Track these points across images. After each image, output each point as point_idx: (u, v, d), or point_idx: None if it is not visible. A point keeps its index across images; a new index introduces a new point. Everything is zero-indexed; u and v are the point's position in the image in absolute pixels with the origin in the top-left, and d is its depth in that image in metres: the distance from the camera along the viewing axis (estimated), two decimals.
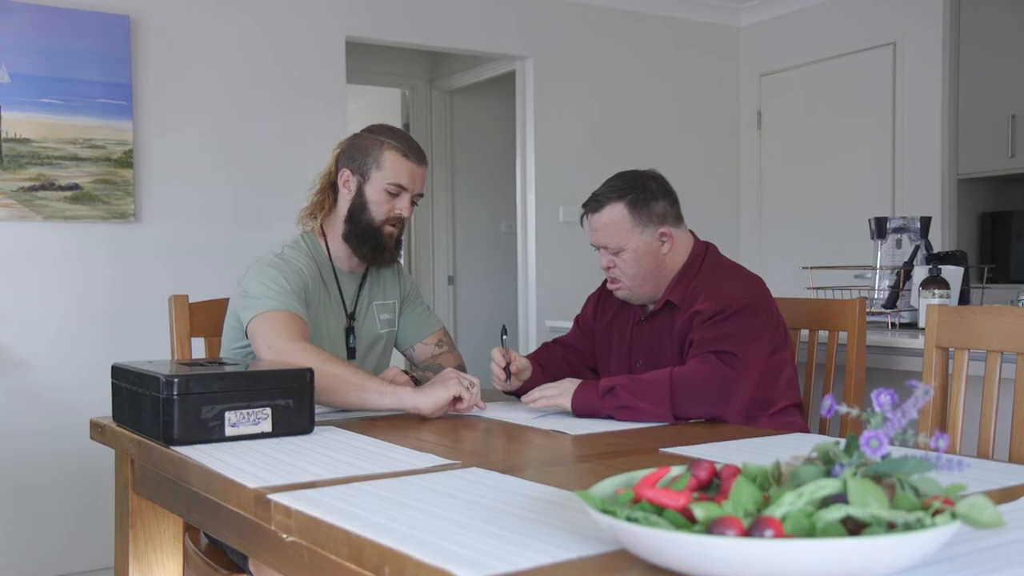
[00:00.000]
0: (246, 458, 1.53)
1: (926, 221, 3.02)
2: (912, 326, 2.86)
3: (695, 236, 2.20)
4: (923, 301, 2.66)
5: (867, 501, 0.86)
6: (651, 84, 5.18)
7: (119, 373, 1.85)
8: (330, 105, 4.25)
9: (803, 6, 5.13)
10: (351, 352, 2.26)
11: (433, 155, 5.91)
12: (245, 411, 1.68)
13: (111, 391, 1.89)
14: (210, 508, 1.53)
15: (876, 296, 2.99)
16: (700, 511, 0.88)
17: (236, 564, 1.90)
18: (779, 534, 0.83)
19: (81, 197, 3.67)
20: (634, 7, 5.09)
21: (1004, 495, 1.26)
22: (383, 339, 2.34)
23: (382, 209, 2.19)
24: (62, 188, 3.63)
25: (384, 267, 2.32)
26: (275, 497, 1.26)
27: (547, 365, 2.26)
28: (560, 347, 2.34)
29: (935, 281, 2.66)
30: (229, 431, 1.67)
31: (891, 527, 0.86)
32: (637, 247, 2.09)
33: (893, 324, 2.88)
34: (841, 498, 0.88)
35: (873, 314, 2.92)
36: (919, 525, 0.85)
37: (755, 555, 0.81)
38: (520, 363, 2.17)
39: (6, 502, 3.60)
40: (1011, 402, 1.80)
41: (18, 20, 3.57)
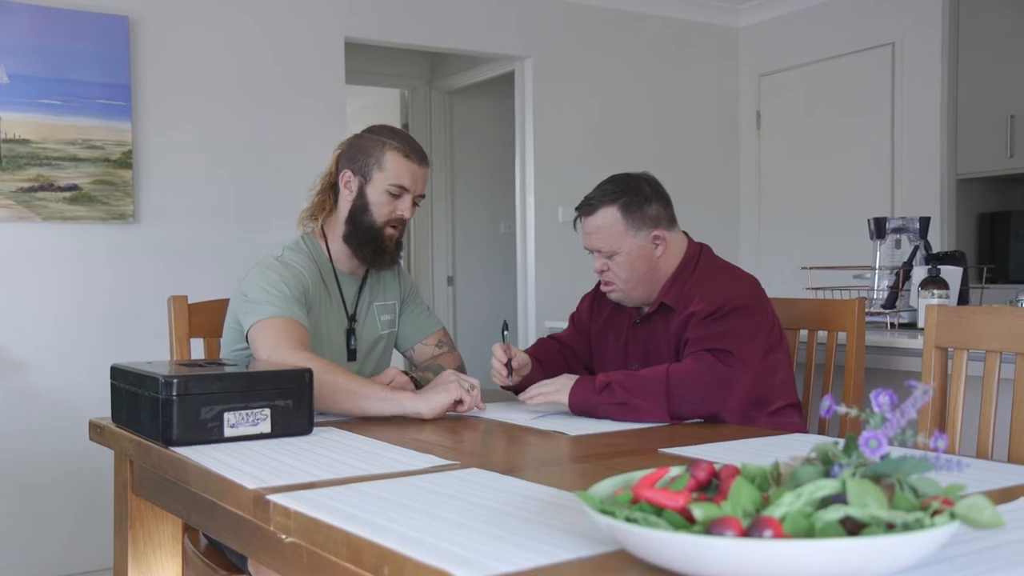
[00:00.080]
0: (245, 459, 1.53)
1: (925, 221, 3.02)
2: (911, 326, 2.86)
3: (689, 238, 2.20)
4: (922, 301, 2.66)
5: (866, 501, 0.86)
6: (650, 84, 5.18)
7: (118, 374, 1.85)
8: (329, 106, 4.25)
9: (802, 7, 5.13)
10: (352, 354, 2.26)
11: (432, 156, 5.91)
12: (244, 412, 1.68)
13: (110, 392, 1.89)
14: (209, 509, 1.53)
15: (875, 296, 2.99)
16: (699, 511, 0.88)
17: (235, 565, 1.90)
18: (778, 534, 0.83)
19: (80, 198, 3.67)
20: (633, 7, 5.09)
21: (1003, 495, 1.26)
22: (383, 340, 2.34)
23: (383, 210, 2.19)
24: (61, 189, 3.63)
25: (385, 268, 2.31)
26: (274, 498, 1.26)
27: (544, 360, 2.26)
28: (556, 343, 2.35)
29: (934, 281, 2.66)
30: (228, 432, 1.67)
31: (890, 527, 0.86)
32: (630, 250, 2.09)
33: (892, 324, 2.88)
34: (840, 498, 0.88)
35: (872, 314, 2.92)
36: (918, 525, 0.85)
37: (754, 555, 0.81)
38: (521, 359, 2.18)
39: (5, 502, 3.60)
40: (1010, 402, 1.80)
41: (17, 21, 3.57)
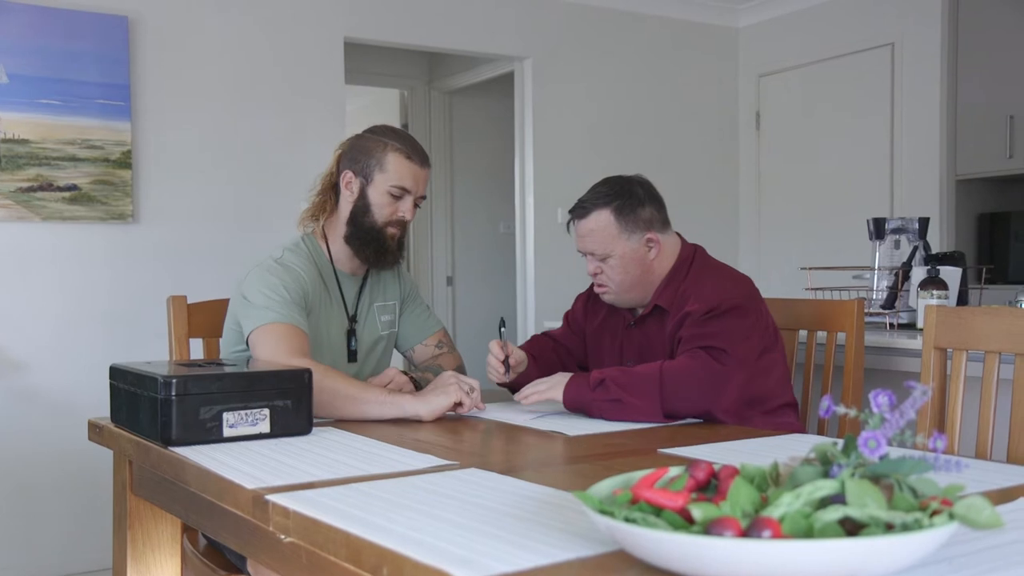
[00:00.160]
0: (244, 459, 1.53)
1: (924, 222, 3.02)
2: (910, 327, 2.86)
3: (682, 239, 2.20)
4: (921, 302, 2.66)
5: (865, 502, 0.86)
6: (650, 85, 5.18)
7: (117, 374, 1.85)
8: (329, 106, 4.25)
9: (801, 7, 5.13)
10: (352, 355, 2.25)
11: (432, 156, 5.84)
12: (243, 412, 1.68)
13: (109, 392, 1.89)
14: (208, 509, 1.53)
15: (874, 297, 2.99)
16: (698, 512, 0.88)
17: (234, 565, 1.90)
18: (777, 535, 0.83)
19: (79, 198, 3.67)
20: (633, 8, 5.09)
21: (1002, 496, 1.26)
22: (384, 340, 2.34)
23: (385, 212, 2.18)
24: (60, 189, 3.63)
25: (386, 269, 2.31)
26: (273, 498, 1.26)
27: (539, 356, 2.26)
28: (551, 340, 2.35)
29: (933, 282, 2.66)
30: (227, 432, 1.67)
31: (889, 528, 0.86)
32: (624, 253, 2.09)
33: (891, 325, 2.88)
34: (839, 499, 0.88)
35: (871, 315, 2.92)
36: (917, 526, 0.85)
37: (753, 556, 0.81)
38: (517, 355, 2.18)
39: (5, 502, 3.60)
40: (1009, 403, 1.80)
41: (16, 21, 3.56)
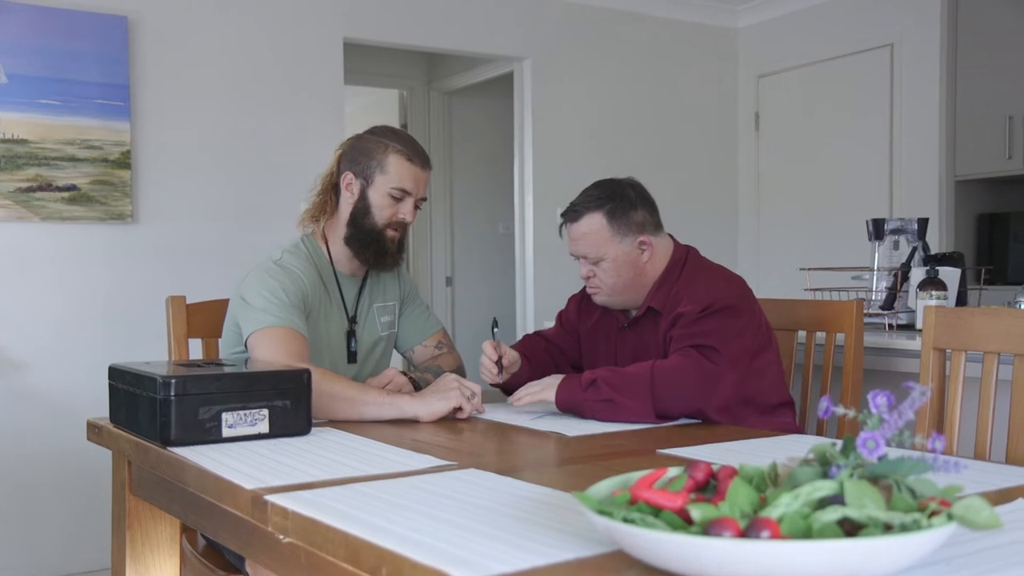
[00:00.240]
0: (243, 459, 1.53)
1: (924, 222, 3.02)
2: (909, 327, 2.86)
3: (675, 241, 2.20)
4: (920, 302, 2.66)
5: (864, 502, 0.86)
6: (649, 85, 5.18)
7: (116, 374, 1.85)
8: (328, 106, 4.25)
9: (801, 7, 5.13)
10: (352, 356, 2.25)
11: (431, 156, 5.86)
12: (242, 412, 1.68)
13: (108, 392, 1.89)
14: (207, 509, 1.53)
15: (874, 297, 2.99)
16: (697, 512, 0.88)
17: (233, 565, 1.90)
18: (775, 535, 0.83)
19: (78, 198, 3.67)
20: (632, 8, 5.09)
21: (1001, 496, 1.26)
22: (383, 341, 2.34)
23: (385, 213, 2.17)
24: (59, 189, 3.63)
25: (387, 271, 2.31)
26: (272, 498, 1.26)
27: (531, 356, 2.26)
28: (543, 339, 2.35)
29: (932, 282, 2.66)
30: (226, 432, 1.67)
31: (888, 528, 0.86)
32: (616, 256, 2.09)
33: (890, 325, 2.88)
34: (838, 499, 0.88)
35: (870, 315, 2.92)
36: (916, 526, 0.85)
37: (752, 556, 0.81)
38: (511, 356, 2.18)
39: (4, 502, 3.59)
40: (1008, 403, 1.81)
41: (15, 21, 3.56)
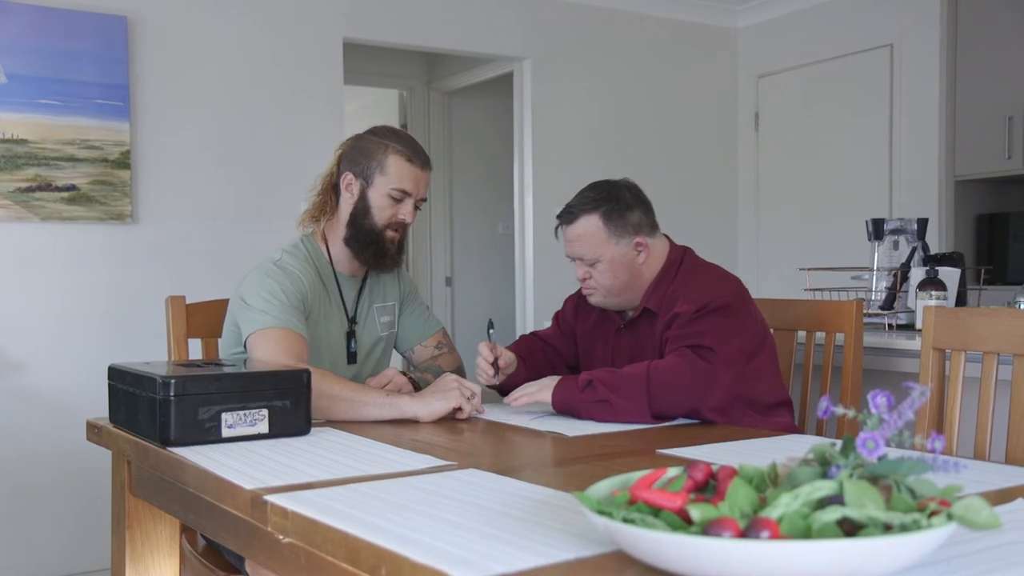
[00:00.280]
0: (243, 459, 1.53)
1: (923, 222, 3.02)
2: (909, 327, 2.86)
3: (671, 241, 2.20)
4: (920, 303, 2.66)
5: (863, 502, 0.86)
6: (649, 85, 5.18)
7: (116, 374, 1.85)
8: (328, 106, 4.25)
9: (801, 7, 5.13)
10: (352, 356, 2.25)
11: (431, 156, 5.87)
12: (242, 412, 1.68)
13: (108, 392, 1.89)
14: (207, 509, 1.53)
15: (873, 297, 3.00)
16: (696, 512, 0.88)
17: (233, 565, 1.89)
18: (775, 535, 0.83)
19: (78, 198, 3.66)
20: (632, 8, 5.09)
21: (1000, 496, 1.26)
22: (383, 341, 2.34)
23: (385, 214, 2.17)
24: (59, 189, 3.63)
25: (386, 271, 2.30)
26: (272, 498, 1.26)
27: (527, 357, 2.26)
28: (539, 340, 2.35)
29: (932, 282, 2.66)
30: (226, 432, 1.67)
31: (887, 528, 0.86)
32: (613, 258, 2.09)
33: (890, 325, 2.88)
34: (837, 499, 0.88)
35: (870, 315, 2.92)
36: (915, 526, 0.85)
37: (751, 556, 0.81)
38: (507, 357, 2.17)
39: (4, 503, 3.59)
40: (1007, 403, 1.81)
41: (15, 21, 3.56)
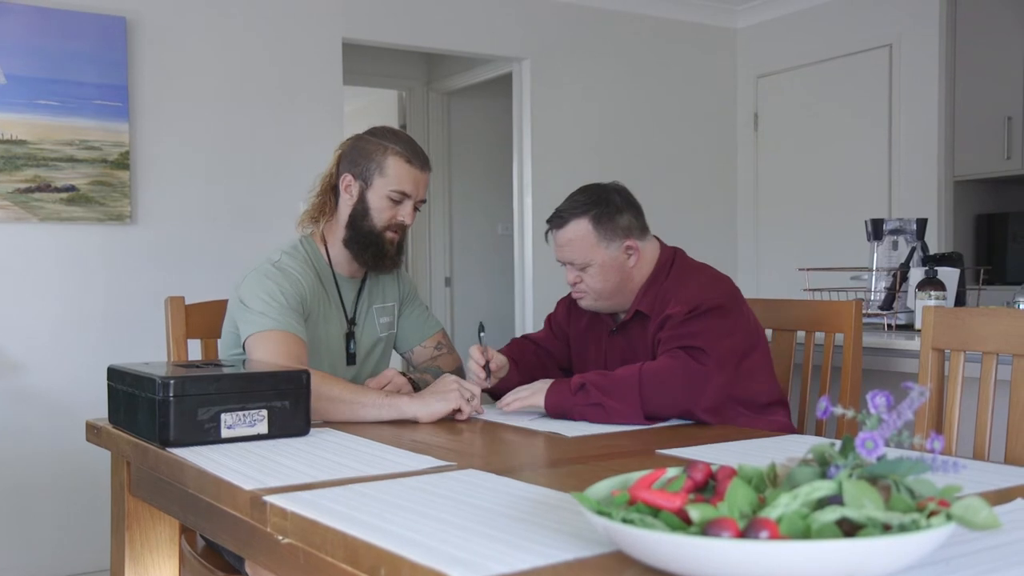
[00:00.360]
0: (242, 460, 1.53)
1: (922, 223, 3.02)
2: (908, 328, 2.86)
3: (661, 243, 2.20)
4: (919, 303, 2.66)
5: (862, 503, 0.86)
6: (648, 86, 5.18)
7: (115, 375, 1.85)
8: (327, 107, 4.25)
9: (800, 8, 5.13)
10: (351, 357, 2.25)
11: (430, 157, 5.87)
12: (241, 413, 1.68)
13: (107, 393, 1.88)
14: (206, 510, 1.53)
15: (872, 298, 3.00)
16: (696, 513, 0.88)
17: (232, 566, 1.89)
18: (774, 536, 0.83)
19: (77, 199, 3.66)
20: (631, 8, 5.09)
21: (999, 496, 1.26)
22: (382, 342, 2.33)
23: (384, 216, 2.17)
24: (58, 190, 3.63)
25: (386, 273, 2.30)
26: (271, 499, 1.26)
27: (519, 360, 2.26)
28: (531, 343, 2.34)
29: (931, 283, 2.66)
30: (225, 433, 1.67)
31: (886, 529, 0.86)
32: (603, 262, 2.09)
33: (889, 326, 2.88)
34: (836, 500, 0.88)
35: (869, 315, 2.92)
36: (914, 527, 0.85)
37: (751, 556, 0.81)
38: (499, 360, 2.17)
39: (3, 503, 3.59)
40: (1007, 404, 1.81)
41: (14, 21, 3.56)
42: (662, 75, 5.23)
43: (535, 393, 2.00)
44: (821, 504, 0.88)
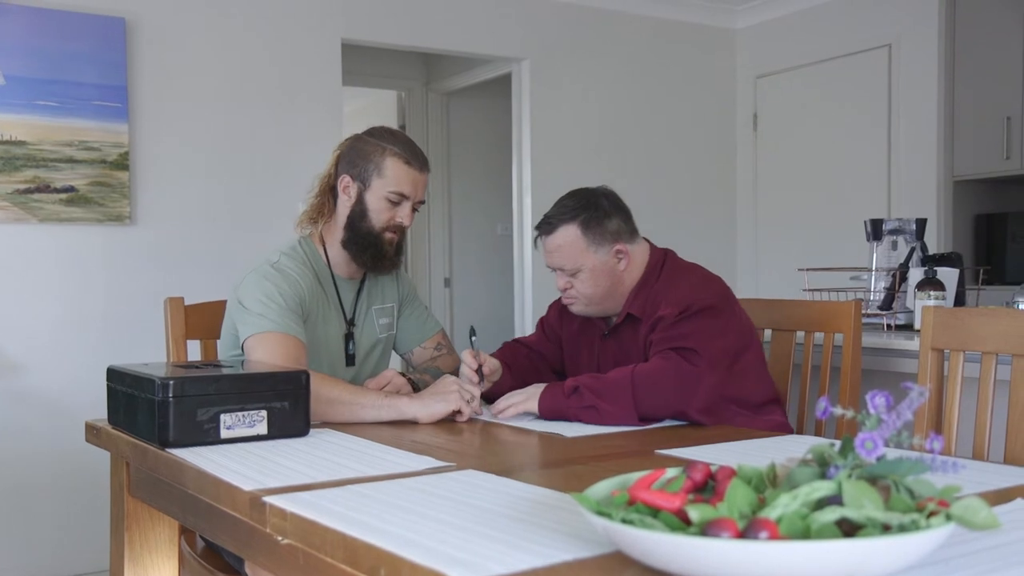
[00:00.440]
0: (241, 460, 1.53)
1: (922, 223, 3.02)
2: (908, 328, 2.86)
3: (652, 245, 2.19)
4: (919, 303, 2.66)
5: (862, 503, 0.86)
6: (647, 86, 5.18)
7: (114, 375, 1.85)
8: (326, 107, 4.25)
9: (799, 8, 5.14)
10: (350, 359, 2.24)
11: (429, 157, 5.84)
12: (240, 413, 1.68)
13: (106, 393, 1.88)
14: (205, 511, 1.52)
15: (872, 298, 3.00)
16: (695, 513, 0.88)
17: (232, 567, 1.89)
18: (774, 536, 0.83)
19: (76, 199, 3.66)
20: (630, 9, 5.09)
21: (999, 497, 1.26)
22: (382, 343, 2.33)
23: (382, 217, 2.16)
24: (57, 190, 3.63)
25: (384, 274, 2.30)
26: (270, 500, 1.26)
27: (512, 364, 2.25)
28: (524, 347, 2.34)
29: (931, 283, 2.66)
30: (224, 433, 1.67)
31: (886, 529, 0.86)
32: (593, 266, 2.08)
33: (889, 326, 2.88)
34: (836, 500, 0.88)
35: (869, 316, 2.92)
36: (914, 527, 0.85)
37: (750, 557, 0.81)
38: (491, 364, 2.16)
39: (2, 504, 3.59)
40: (1006, 404, 1.81)
41: (13, 22, 3.56)
42: (661, 75, 5.23)
43: (529, 398, 1.99)
44: (821, 504, 0.88)
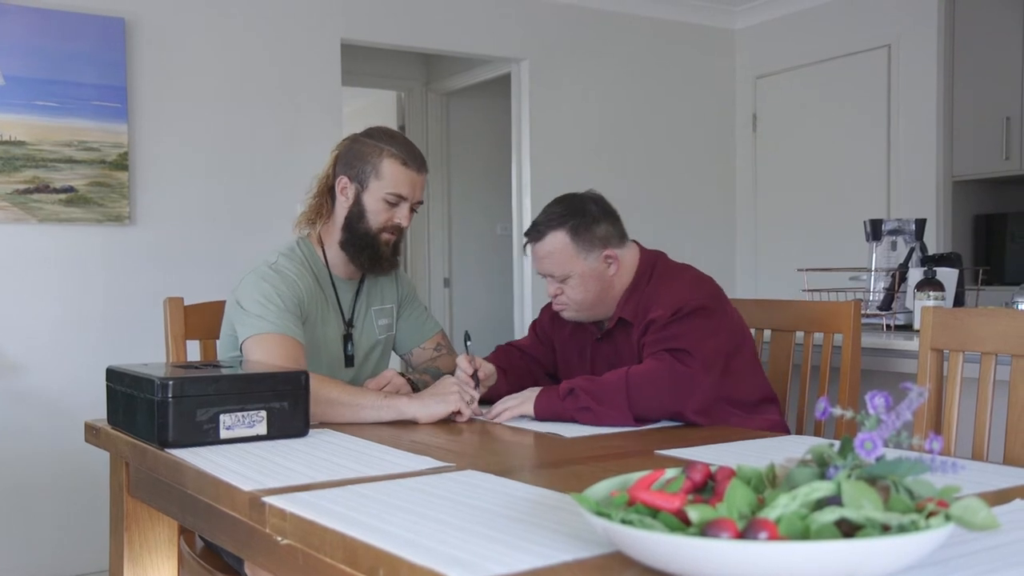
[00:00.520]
0: (241, 461, 1.53)
1: (921, 223, 3.02)
2: (907, 328, 2.86)
3: (641, 248, 2.18)
4: (918, 303, 2.66)
5: (861, 503, 0.86)
6: (646, 87, 5.18)
7: (114, 376, 1.85)
8: (325, 108, 4.24)
9: (798, 9, 5.14)
10: (349, 360, 2.24)
11: (429, 158, 5.80)
12: (240, 414, 1.68)
13: (106, 394, 1.88)
14: (205, 511, 1.52)
15: (871, 298, 3.00)
16: (695, 513, 0.88)
17: (231, 567, 1.89)
18: (773, 536, 0.83)
19: (76, 200, 3.66)
20: (629, 9, 5.09)
21: (998, 497, 1.26)
22: (381, 344, 2.33)
23: (380, 218, 2.16)
24: (57, 191, 3.63)
25: (382, 275, 2.30)
26: (270, 500, 1.26)
27: (507, 368, 2.25)
28: (517, 350, 2.33)
29: (930, 283, 2.66)
30: (224, 434, 1.67)
31: (885, 529, 0.86)
32: (583, 272, 2.08)
33: (888, 326, 2.88)
34: (835, 500, 0.88)
35: (868, 316, 2.93)
36: (913, 527, 0.85)
37: (749, 557, 0.81)
38: (486, 369, 2.15)
39: (2, 504, 3.59)
40: (1005, 404, 1.81)
41: (12, 22, 3.56)
42: (661, 76, 5.23)
43: (524, 402, 1.99)
44: (820, 505, 0.88)
